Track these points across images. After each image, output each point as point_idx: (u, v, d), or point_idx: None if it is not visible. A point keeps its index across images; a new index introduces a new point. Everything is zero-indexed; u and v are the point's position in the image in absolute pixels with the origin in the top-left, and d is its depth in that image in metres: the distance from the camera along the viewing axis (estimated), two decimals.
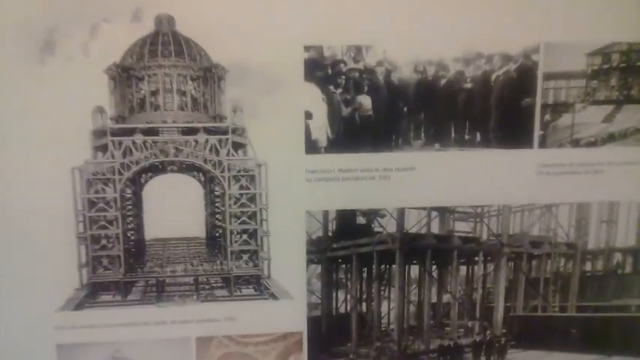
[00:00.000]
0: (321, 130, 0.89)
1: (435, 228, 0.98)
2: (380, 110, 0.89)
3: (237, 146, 0.92)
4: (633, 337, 1.01)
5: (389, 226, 0.95)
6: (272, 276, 0.94)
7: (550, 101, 0.90)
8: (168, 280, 0.95)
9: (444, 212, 0.98)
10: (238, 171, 0.93)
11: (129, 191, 0.95)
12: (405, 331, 1.02)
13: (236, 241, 0.96)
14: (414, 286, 1.02)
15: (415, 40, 0.86)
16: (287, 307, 0.94)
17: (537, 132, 0.91)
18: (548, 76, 0.89)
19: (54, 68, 0.82)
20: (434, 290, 1.03)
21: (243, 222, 0.95)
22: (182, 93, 0.92)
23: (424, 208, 0.96)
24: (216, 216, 1.00)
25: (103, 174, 0.90)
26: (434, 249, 1.00)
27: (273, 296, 0.94)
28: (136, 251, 0.97)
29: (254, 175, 0.92)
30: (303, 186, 0.90)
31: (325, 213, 0.93)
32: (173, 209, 0.91)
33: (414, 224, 0.97)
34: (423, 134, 0.91)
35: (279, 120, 0.87)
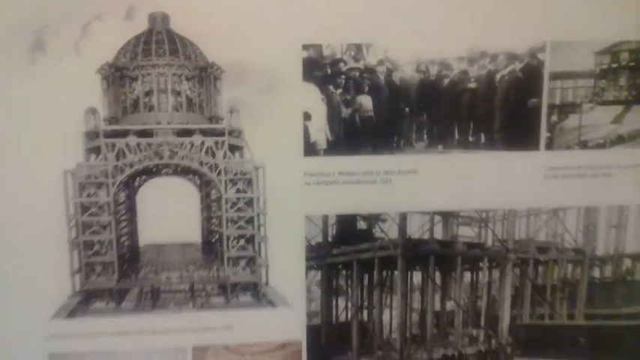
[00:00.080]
0: (321, 132, 0.88)
1: (439, 233, 0.98)
2: (381, 111, 0.89)
3: (233, 148, 0.92)
4: None
5: (391, 232, 0.95)
6: (270, 283, 0.94)
7: (557, 102, 0.90)
8: (163, 288, 0.95)
9: (448, 217, 0.97)
10: (235, 174, 0.92)
11: (122, 195, 0.96)
12: (408, 341, 1.01)
13: (233, 247, 0.95)
14: (417, 294, 1.02)
15: (417, 39, 0.85)
16: (285, 316, 0.93)
17: (544, 134, 0.91)
18: (554, 76, 0.88)
19: (45, 68, 0.81)
20: (437, 298, 1.02)
21: (240, 227, 0.95)
22: (177, 93, 0.92)
23: (427, 213, 0.95)
24: (212, 221, 1.00)
25: (96, 177, 0.90)
26: (437, 255, 1.00)
27: (271, 304, 0.93)
28: (130, 257, 0.97)
29: (251, 179, 0.92)
30: (301, 190, 0.89)
31: (325, 218, 0.93)
32: (168, 214, 0.90)
33: (417, 229, 0.96)
34: (426, 136, 0.90)
35: (277, 121, 0.86)
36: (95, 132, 0.87)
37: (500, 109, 0.90)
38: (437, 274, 1.01)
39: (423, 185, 0.91)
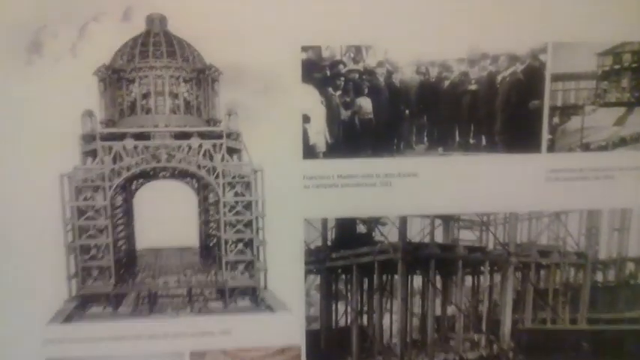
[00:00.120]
0: (320, 135, 0.88)
1: (439, 237, 0.98)
2: (381, 113, 0.88)
3: (231, 151, 0.91)
4: None
5: (391, 235, 0.95)
6: (269, 287, 0.93)
7: (559, 103, 0.89)
8: (160, 292, 0.94)
9: (448, 220, 0.97)
10: (233, 177, 0.92)
11: (119, 199, 0.96)
12: (408, 345, 1.01)
13: (231, 251, 0.95)
14: (417, 298, 1.02)
15: (417, 40, 0.85)
16: (284, 320, 0.93)
17: (545, 136, 0.90)
18: (556, 77, 0.88)
19: (41, 69, 0.81)
20: (438, 302, 1.01)
21: (238, 231, 0.94)
22: (174, 95, 0.92)
23: (427, 216, 0.95)
24: (210, 224, 1.00)
25: (93, 180, 0.90)
26: (438, 259, 0.99)
27: (269, 308, 0.93)
28: (127, 261, 0.97)
29: (250, 182, 0.91)
30: (300, 193, 0.88)
31: (324, 221, 0.93)
32: (165, 217, 0.90)
33: (417, 233, 0.96)
34: (426, 138, 0.90)
35: (275, 124, 0.86)
36: (92, 135, 0.86)
37: (501, 111, 0.89)
38: (437, 278, 1.01)
39: (424, 188, 0.90)
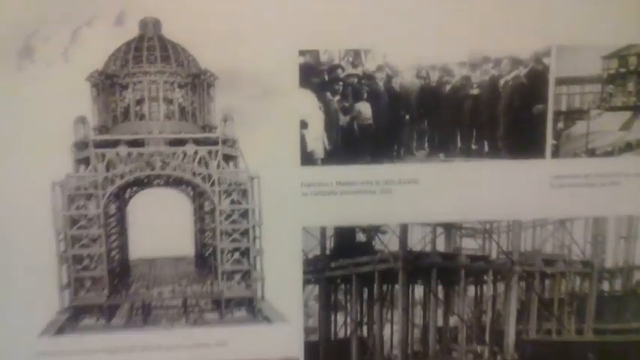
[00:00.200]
0: (318, 141, 0.87)
1: (441, 245, 0.97)
2: (380, 119, 0.88)
3: (227, 158, 0.91)
4: None
5: (391, 244, 0.94)
6: (266, 298, 0.92)
7: (563, 108, 0.89)
8: (154, 303, 0.94)
9: (450, 228, 0.97)
10: (229, 185, 0.92)
11: (113, 207, 0.96)
12: (409, 357, 1.01)
13: (227, 260, 0.95)
14: (419, 308, 1.01)
15: (417, 43, 0.84)
16: (282, 332, 0.92)
17: (550, 141, 0.90)
18: (560, 81, 0.87)
19: (33, 75, 0.80)
20: (440, 312, 1.01)
21: (234, 239, 0.94)
22: (169, 101, 0.91)
23: (429, 224, 0.95)
24: (205, 233, 1.00)
25: (86, 189, 0.89)
26: (439, 268, 0.98)
27: (267, 319, 0.92)
28: (121, 272, 0.97)
29: (246, 189, 0.91)
30: (298, 200, 0.88)
31: (323, 230, 0.93)
32: (160, 226, 0.89)
33: (418, 241, 0.95)
34: (427, 144, 0.89)
35: (272, 130, 0.85)
36: (84, 142, 0.86)
37: (504, 116, 0.89)
38: (439, 288, 1.00)
39: (425, 195, 0.89)
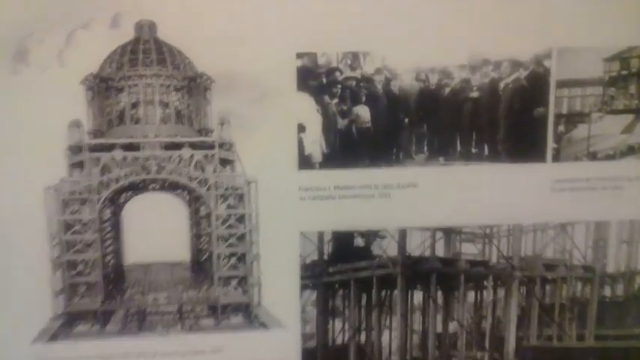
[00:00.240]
0: (316, 144, 0.87)
1: (440, 250, 0.96)
2: (379, 122, 0.88)
3: (224, 162, 0.91)
4: None
5: (389, 249, 0.94)
6: (263, 303, 0.92)
7: (564, 111, 0.89)
8: (150, 309, 0.93)
9: (450, 233, 0.96)
10: (226, 189, 0.91)
11: (108, 212, 0.95)
12: None
13: (223, 266, 0.94)
14: (418, 314, 1.00)
15: (416, 46, 0.84)
16: (279, 338, 0.92)
17: (550, 145, 0.89)
18: (561, 84, 0.87)
19: (27, 78, 0.80)
20: (439, 318, 1.00)
21: (231, 245, 0.93)
22: (165, 105, 0.91)
23: (428, 229, 0.94)
24: (201, 238, 0.99)
25: (80, 193, 0.89)
26: (439, 273, 0.98)
27: (263, 326, 0.92)
28: (115, 277, 0.96)
29: (243, 194, 0.90)
30: (296, 205, 0.87)
31: (320, 234, 0.92)
32: (155, 231, 0.89)
33: (417, 246, 0.95)
34: (426, 148, 0.89)
35: (269, 133, 0.85)
36: (79, 146, 0.86)
37: (504, 119, 0.89)
38: (439, 294, 1.00)
39: (424, 200, 0.89)
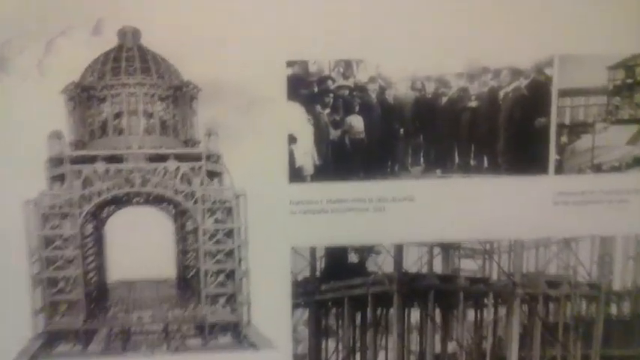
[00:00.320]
0: (307, 156, 0.86)
1: (438, 266, 0.95)
2: (373, 132, 0.87)
3: (211, 175, 0.89)
4: None
5: (385, 265, 0.92)
6: (252, 322, 0.91)
7: (567, 121, 0.88)
8: (134, 328, 0.92)
9: (448, 248, 0.95)
10: (213, 203, 0.90)
11: (90, 227, 0.94)
12: None
13: (211, 283, 0.93)
14: (415, 334, 0.99)
15: (412, 53, 0.83)
16: (270, 358, 0.90)
17: (553, 156, 0.88)
18: (564, 93, 0.86)
19: (6, 87, 0.79)
20: (437, 338, 0.98)
21: (218, 261, 0.92)
22: (149, 115, 0.90)
23: (425, 244, 0.93)
24: (188, 254, 0.98)
25: (61, 207, 0.88)
26: (437, 290, 0.96)
27: (253, 346, 0.91)
28: (98, 295, 0.95)
29: (231, 207, 0.89)
30: (287, 219, 0.86)
31: (312, 250, 0.91)
32: (139, 247, 0.88)
33: (414, 262, 0.93)
34: (423, 159, 0.88)
35: (259, 145, 0.84)
36: (60, 158, 0.85)
37: (504, 130, 0.88)
38: (437, 312, 0.98)
39: (421, 214, 0.88)
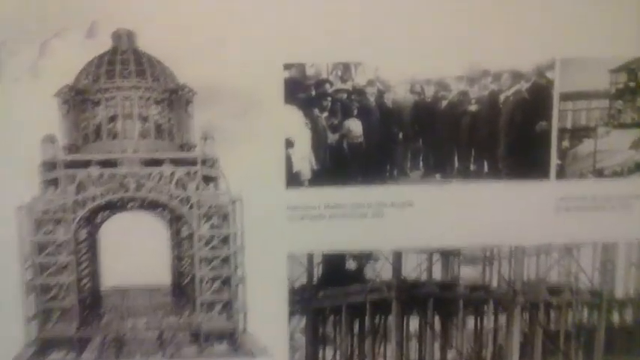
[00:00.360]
0: (305, 160, 0.85)
1: (438, 273, 0.93)
2: (372, 137, 0.86)
3: (207, 179, 0.89)
4: None
5: (383, 272, 0.91)
6: (248, 330, 0.90)
7: (568, 125, 0.87)
8: (128, 336, 0.91)
9: (448, 255, 0.93)
10: (209, 208, 0.89)
11: (83, 232, 0.92)
12: None
13: (207, 290, 0.92)
14: (414, 342, 0.97)
15: (411, 56, 0.82)
16: None
17: (554, 161, 0.88)
18: (565, 97, 0.86)
19: None
20: (437, 346, 0.97)
21: (214, 267, 0.91)
22: (144, 119, 0.89)
23: (424, 251, 0.92)
24: (183, 261, 0.97)
25: (54, 212, 0.87)
26: (436, 298, 0.95)
27: (249, 354, 0.90)
28: (92, 302, 0.94)
29: (227, 213, 0.89)
30: (283, 225, 0.86)
31: (310, 256, 0.90)
32: (134, 253, 0.87)
33: (413, 269, 0.92)
34: (422, 164, 0.88)
35: (255, 149, 0.83)
36: (53, 162, 0.84)
37: (504, 134, 0.87)
38: (436, 320, 0.97)
39: (420, 219, 0.88)
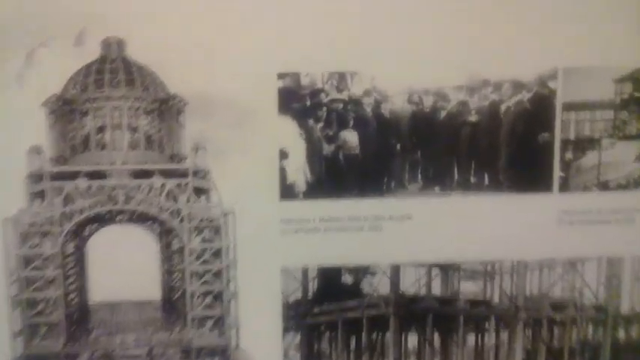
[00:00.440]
0: (299, 172, 0.84)
1: (437, 288, 0.93)
2: (368, 148, 0.86)
3: (199, 191, 0.88)
4: None
5: (381, 286, 0.91)
6: (241, 347, 0.89)
7: (571, 137, 0.87)
8: (117, 352, 0.90)
9: (447, 269, 0.92)
10: (200, 221, 0.89)
11: (71, 246, 0.92)
12: None
13: (198, 305, 0.91)
14: (413, 359, 0.96)
15: (409, 65, 0.81)
16: None
17: (557, 173, 0.87)
18: (568, 107, 0.85)
19: None
20: None
21: (206, 282, 0.91)
22: (133, 129, 0.89)
23: (423, 265, 0.91)
24: (173, 275, 0.97)
25: (41, 225, 0.86)
26: (436, 314, 0.94)
27: None
28: (79, 317, 0.94)
29: (219, 226, 0.88)
30: (277, 238, 0.85)
31: (304, 270, 0.89)
32: (123, 267, 0.86)
33: (412, 284, 0.91)
34: (421, 176, 0.87)
35: (248, 160, 0.82)
36: (40, 174, 0.83)
37: (505, 146, 0.87)
38: (435, 336, 0.96)
39: (418, 233, 0.87)
